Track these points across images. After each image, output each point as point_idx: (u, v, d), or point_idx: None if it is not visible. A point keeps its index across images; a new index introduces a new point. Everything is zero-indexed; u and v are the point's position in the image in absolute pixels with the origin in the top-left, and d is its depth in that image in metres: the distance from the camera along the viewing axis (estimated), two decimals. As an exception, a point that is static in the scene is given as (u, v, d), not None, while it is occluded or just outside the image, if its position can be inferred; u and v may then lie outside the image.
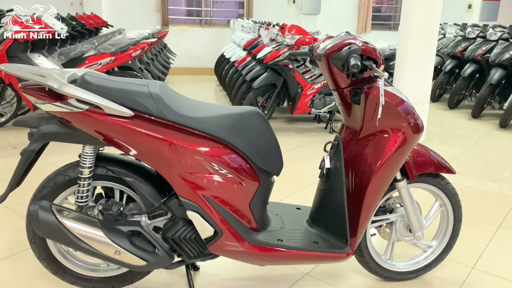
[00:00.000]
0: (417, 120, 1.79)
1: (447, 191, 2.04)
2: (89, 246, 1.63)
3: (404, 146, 1.76)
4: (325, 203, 1.97)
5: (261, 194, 1.84)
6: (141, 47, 4.63)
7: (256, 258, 1.82)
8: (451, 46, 6.55)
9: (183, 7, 9.51)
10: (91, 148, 1.70)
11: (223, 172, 1.71)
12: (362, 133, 1.83)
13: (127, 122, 1.61)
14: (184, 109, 1.69)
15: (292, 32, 4.59)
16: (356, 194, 1.83)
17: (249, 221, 1.82)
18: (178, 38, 8.89)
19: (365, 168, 1.80)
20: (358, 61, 1.60)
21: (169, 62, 7.34)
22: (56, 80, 1.55)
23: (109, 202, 1.78)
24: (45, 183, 1.78)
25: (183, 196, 1.69)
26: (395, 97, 1.76)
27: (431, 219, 2.11)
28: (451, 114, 6.11)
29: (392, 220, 2.05)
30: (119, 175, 1.76)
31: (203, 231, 1.72)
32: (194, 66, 9.03)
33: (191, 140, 1.67)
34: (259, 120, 1.80)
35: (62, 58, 4.41)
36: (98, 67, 4.36)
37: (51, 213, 1.61)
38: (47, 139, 1.68)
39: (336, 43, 1.74)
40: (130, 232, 1.70)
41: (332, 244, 1.89)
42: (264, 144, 1.81)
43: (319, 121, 5.34)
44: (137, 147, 1.64)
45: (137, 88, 1.64)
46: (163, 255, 1.72)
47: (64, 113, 1.60)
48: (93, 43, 4.44)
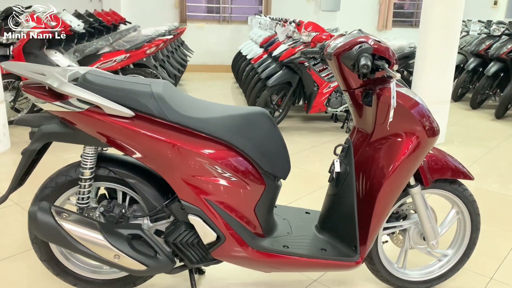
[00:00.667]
0: (433, 123, 1.69)
1: (465, 198, 1.94)
2: (88, 249, 1.59)
3: (418, 150, 1.67)
4: (334, 208, 1.89)
5: (267, 198, 1.78)
6: (156, 44, 4.60)
7: (261, 265, 1.76)
8: (475, 44, 6.34)
9: (201, 4, 9.48)
10: (92, 148, 1.66)
11: (227, 175, 1.64)
12: (374, 136, 1.74)
13: (128, 122, 1.56)
14: (187, 109, 1.63)
15: (308, 29, 4.49)
16: (367, 200, 1.74)
17: (254, 226, 1.76)
18: (196, 35, 8.87)
19: (376, 173, 1.71)
20: (369, 61, 1.51)
21: (186, 59, 7.31)
22: (56, 79, 1.52)
23: (111, 204, 1.74)
24: (47, 183, 1.75)
25: (185, 200, 1.63)
26: (409, 99, 1.66)
27: (447, 227, 2.00)
28: (474, 114, 5.92)
29: (406, 227, 1.96)
30: (121, 176, 1.72)
31: (205, 236, 1.66)
32: (211, 63, 9.00)
33: (194, 142, 1.61)
34: (265, 122, 1.73)
35: (78, 55, 4.41)
36: (112, 64, 4.35)
37: (50, 215, 1.57)
38: (48, 139, 1.64)
39: (347, 41, 1.65)
40: (131, 236, 1.65)
41: (340, 251, 1.81)
42: (270, 146, 1.74)
43: (335, 120, 5.23)
44: (138, 149, 1.59)
45: (139, 88, 1.58)
46: (164, 259, 1.67)
47: (64, 113, 1.56)
48: (108, 40, 4.43)
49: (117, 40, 4.49)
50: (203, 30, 8.98)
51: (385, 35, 9.97)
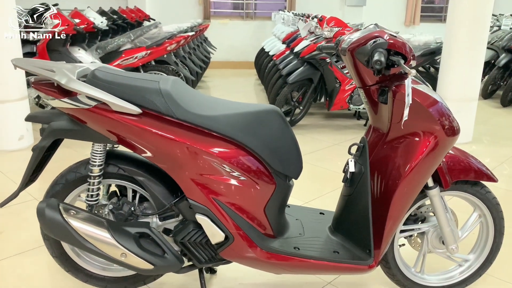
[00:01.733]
0: (453, 122, 1.60)
1: (487, 201, 1.84)
2: (95, 247, 1.58)
3: (436, 150, 1.59)
4: (348, 210, 1.82)
5: (278, 198, 1.73)
6: (177, 41, 4.60)
7: (271, 266, 1.72)
8: (507, 39, 6.10)
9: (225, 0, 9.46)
10: (100, 146, 1.65)
11: (236, 174, 1.60)
12: (390, 135, 1.67)
13: (135, 119, 1.54)
14: (195, 107, 1.60)
15: (330, 25, 4.40)
16: (382, 202, 1.67)
17: (264, 227, 1.71)
18: (220, 31, 8.87)
19: (392, 173, 1.64)
20: (383, 56, 1.44)
21: (209, 56, 7.31)
22: (64, 76, 1.50)
23: (120, 202, 1.73)
24: (57, 179, 1.75)
25: (193, 199, 1.60)
26: (426, 96, 1.58)
27: (468, 230, 1.91)
28: (504, 112, 5.69)
29: (424, 230, 1.87)
30: (130, 174, 1.70)
31: (213, 236, 1.63)
32: (235, 59, 8.99)
33: (202, 140, 1.57)
34: (276, 120, 1.67)
35: (100, 52, 4.46)
36: (134, 60, 4.38)
37: (58, 212, 1.57)
38: (57, 136, 1.64)
39: (362, 36, 1.58)
40: (138, 234, 1.64)
41: (354, 254, 1.74)
42: (281, 145, 1.69)
43: (358, 118, 5.13)
44: (146, 146, 1.57)
45: (147, 84, 1.56)
46: (172, 259, 1.64)
47: (71, 110, 1.55)
48: (129, 36, 4.46)
49: (138, 37, 4.51)
50: (227, 26, 8.97)
51: (413, 30, 9.72)
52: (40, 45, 4.48)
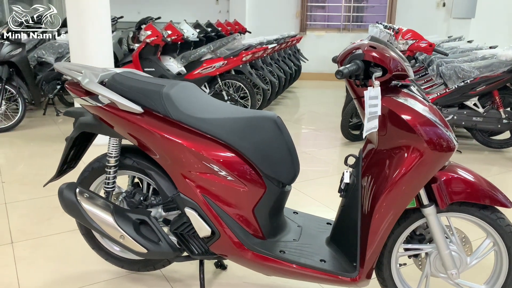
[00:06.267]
0: (442, 138, 1.52)
1: (499, 228, 1.68)
2: (100, 227, 1.81)
3: (421, 166, 1.52)
4: (342, 221, 1.81)
5: (268, 201, 1.79)
6: (253, 52, 4.82)
7: (255, 266, 1.78)
8: None
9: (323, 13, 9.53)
10: (116, 140, 1.88)
11: (223, 174, 1.71)
12: (378, 148, 1.64)
13: (137, 118, 1.74)
14: (193, 109, 1.74)
15: (406, 37, 4.24)
16: (368, 215, 1.64)
17: (253, 228, 1.79)
18: (315, 43, 8.96)
19: (377, 187, 1.61)
20: (350, 68, 1.45)
21: (299, 67, 7.42)
22: (86, 77, 1.76)
23: (134, 191, 1.95)
24: (86, 168, 2.03)
25: (183, 193, 1.75)
26: (411, 111, 1.52)
27: (478, 258, 1.76)
28: None
29: (427, 251, 1.78)
30: (142, 167, 1.91)
31: (200, 230, 1.76)
32: (328, 71, 8.98)
33: (194, 140, 1.72)
34: (270, 126, 1.75)
35: (183, 61, 4.87)
36: (211, 70, 4.70)
37: (73, 193, 1.83)
38: (82, 129, 1.91)
39: (347, 49, 1.60)
40: (139, 221, 1.83)
41: (340, 266, 1.73)
42: (273, 151, 1.76)
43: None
44: (145, 142, 1.76)
45: (152, 87, 1.75)
46: (165, 247, 1.81)
47: (89, 107, 1.81)
48: (209, 48, 4.80)
49: (219, 48, 4.83)
50: (322, 38, 9.03)
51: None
52: (134, 53, 5.05)
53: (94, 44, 4.09)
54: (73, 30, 4.07)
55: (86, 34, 4.04)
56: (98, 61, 4.08)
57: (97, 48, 4.13)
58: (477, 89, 4.10)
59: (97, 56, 4.12)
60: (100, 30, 4.09)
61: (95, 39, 4.08)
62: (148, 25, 5.01)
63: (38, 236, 2.53)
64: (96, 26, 4.07)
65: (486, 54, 4.52)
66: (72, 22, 4.05)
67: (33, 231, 2.58)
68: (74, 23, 4.04)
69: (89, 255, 2.22)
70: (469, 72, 4.09)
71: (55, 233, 2.56)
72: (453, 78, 4.15)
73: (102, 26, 4.11)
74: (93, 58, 4.09)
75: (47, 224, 2.68)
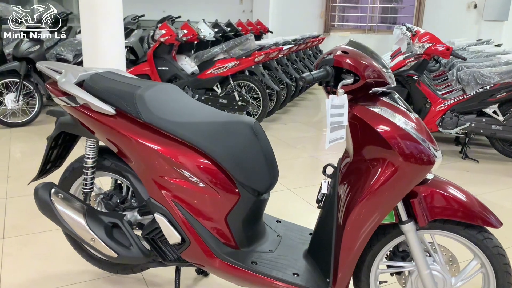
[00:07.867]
0: (420, 151, 1.41)
1: (486, 249, 1.55)
2: (71, 228, 1.79)
3: (394, 179, 1.42)
4: (318, 233, 1.73)
5: (242, 210, 1.72)
6: (266, 53, 4.75)
7: (226, 276, 1.72)
8: None
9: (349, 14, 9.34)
10: (93, 141, 1.86)
11: (194, 180, 1.66)
12: (354, 159, 1.54)
13: (109, 119, 1.70)
14: (167, 112, 1.69)
15: (423, 40, 4.07)
16: (341, 229, 1.55)
17: (225, 236, 1.72)
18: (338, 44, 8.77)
19: (350, 198, 1.51)
20: (317, 74, 1.36)
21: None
22: (63, 77, 1.75)
23: (111, 193, 1.92)
24: (67, 167, 2.02)
25: (153, 198, 1.71)
26: (386, 121, 1.42)
27: (464, 280, 1.64)
28: None
29: (409, 269, 1.67)
30: (119, 169, 1.88)
31: (170, 237, 1.70)
32: (352, 73, 8.79)
33: (165, 144, 1.67)
34: (246, 132, 1.68)
35: (197, 61, 4.84)
36: (223, 70, 4.66)
37: (48, 193, 1.81)
38: (62, 129, 1.90)
39: (324, 53, 1.51)
40: (111, 224, 1.80)
41: (313, 280, 1.65)
42: (248, 158, 1.69)
43: (457, 144, 4.62)
44: (116, 143, 1.72)
45: (127, 88, 1.71)
46: (136, 252, 1.77)
47: (66, 107, 1.79)
48: (222, 48, 4.76)
49: (232, 48, 4.78)
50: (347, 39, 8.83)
51: None
52: (148, 52, 5.07)
53: (106, 42, 4.11)
54: (85, 27, 4.10)
55: (98, 31, 4.06)
56: (110, 58, 4.12)
57: (109, 45, 4.14)
58: (497, 96, 3.89)
59: (109, 53, 4.15)
60: (112, 27, 4.10)
61: (107, 37, 4.10)
62: (163, 24, 5.01)
63: (29, 232, 2.55)
64: (109, 23, 4.08)
65: (510, 59, 4.29)
66: (84, 20, 4.08)
67: (25, 227, 2.60)
68: (86, 20, 4.06)
69: (73, 255, 2.21)
70: (488, 78, 3.89)
71: (46, 230, 2.57)
72: (471, 84, 3.95)
73: (114, 23, 4.12)
74: (106, 54, 4.12)
75: (40, 220, 2.69)
